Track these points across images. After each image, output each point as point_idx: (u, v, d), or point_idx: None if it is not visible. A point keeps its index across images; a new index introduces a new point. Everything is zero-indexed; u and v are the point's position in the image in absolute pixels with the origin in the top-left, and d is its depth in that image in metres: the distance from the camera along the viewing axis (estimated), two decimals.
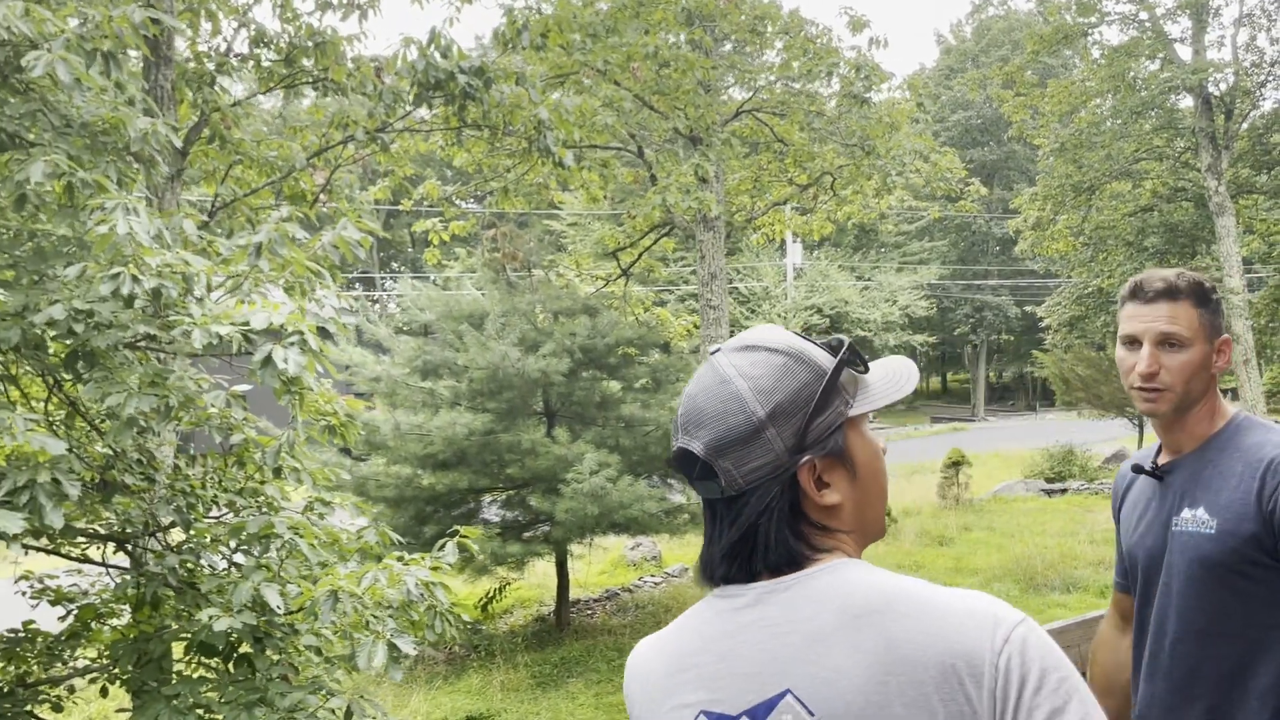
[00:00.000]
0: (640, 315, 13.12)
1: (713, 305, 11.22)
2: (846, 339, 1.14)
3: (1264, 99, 22.87)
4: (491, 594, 10.33)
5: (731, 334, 28.20)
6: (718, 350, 1.14)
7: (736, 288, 37.69)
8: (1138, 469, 1.96)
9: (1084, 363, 25.09)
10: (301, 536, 3.96)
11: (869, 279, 43.30)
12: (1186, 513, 1.84)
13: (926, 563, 13.24)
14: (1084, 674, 1.89)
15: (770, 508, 1.07)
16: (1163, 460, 1.90)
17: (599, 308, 10.24)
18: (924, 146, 13.09)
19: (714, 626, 1.10)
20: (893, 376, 1.17)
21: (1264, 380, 21.87)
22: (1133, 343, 1.83)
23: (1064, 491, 20.27)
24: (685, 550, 14.64)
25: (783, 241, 39.90)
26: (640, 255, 13.07)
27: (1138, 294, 1.84)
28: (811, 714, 1.01)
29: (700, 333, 11.87)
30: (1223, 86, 22.26)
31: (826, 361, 1.11)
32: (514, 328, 9.26)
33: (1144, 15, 22.84)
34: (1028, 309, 45.96)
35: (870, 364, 1.18)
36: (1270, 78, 22.52)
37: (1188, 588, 1.85)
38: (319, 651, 4.13)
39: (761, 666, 1.04)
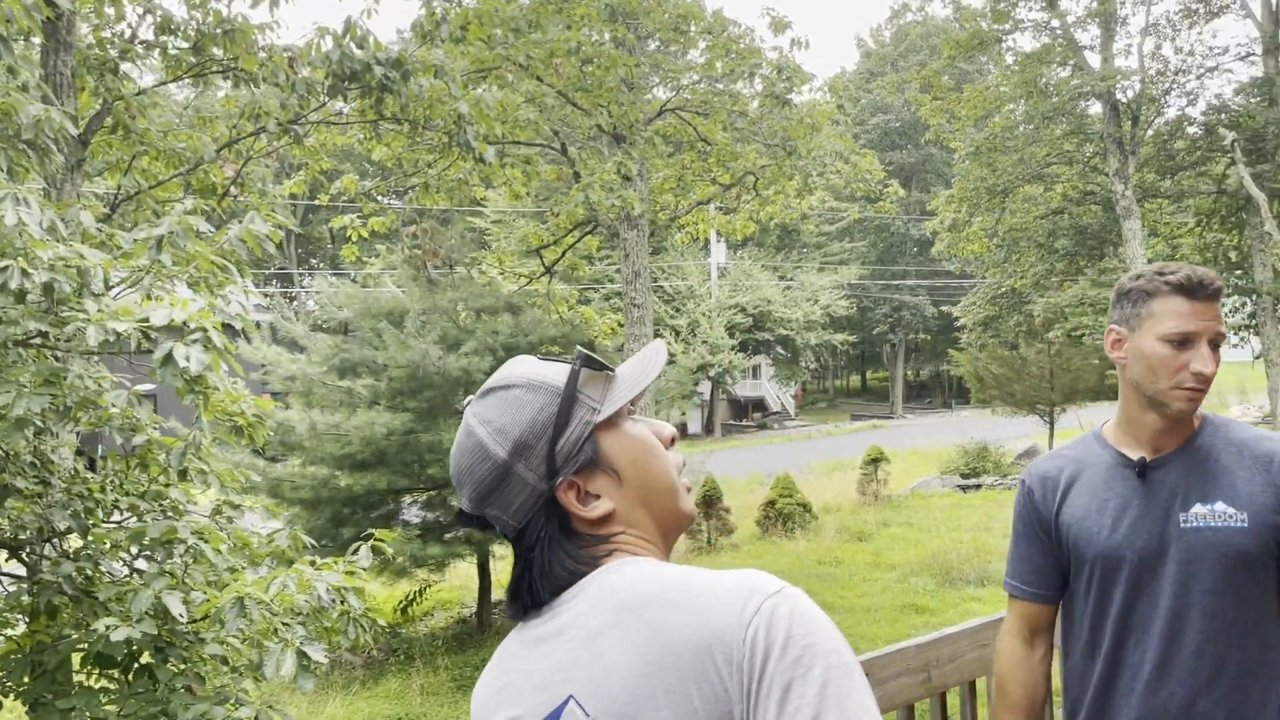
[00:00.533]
0: (564, 314, 13.06)
1: (636, 304, 11.20)
2: (582, 349, 1.14)
3: (1168, 106, 23.75)
4: (411, 597, 10.16)
5: (656, 333, 28.18)
6: (469, 402, 1.16)
7: (661, 286, 37.81)
8: (1131, 465, 1.85)
9: (997, 361, 25.71)
10: (207, 541, 3.82)
11: (791, 279, 43.84)
12: (1200, 508, 1.80)
13: (846, 558, 13.42)
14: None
15: (541, 537, 1.10)
16: (1138, 457, 1.85)
17: (522, 306, 10.14)
18: (844, 148, 13.27)
19: (518, 647, 1.12)
20: (641, 364, 1.16)
21: None
22: (1185, 342, 1.75)
23: (978, 487, 20.76)
24: None
25: (706, 241, 40.15)
26: (564, 253, 13.01)
27: (1193, 291, 1.75)
28: (589, 716, 1.00)
29: (624, 331, 11.86)
30: (1130, 93, 23.05)
31: (561, 379, 1.12)
32: (435, 326, 9.11)
33: (1055, 23, 23.50)
34: (944, 309, 47.03)
35: (628, 360, 1.20)
36: (1174, 86, 23.37)
37: (1218, 583, 1.79)
38: (226, 661, 3.99)
39: (551, 675, 1.05)
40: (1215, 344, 1.74)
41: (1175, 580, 1.78)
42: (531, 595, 1.11)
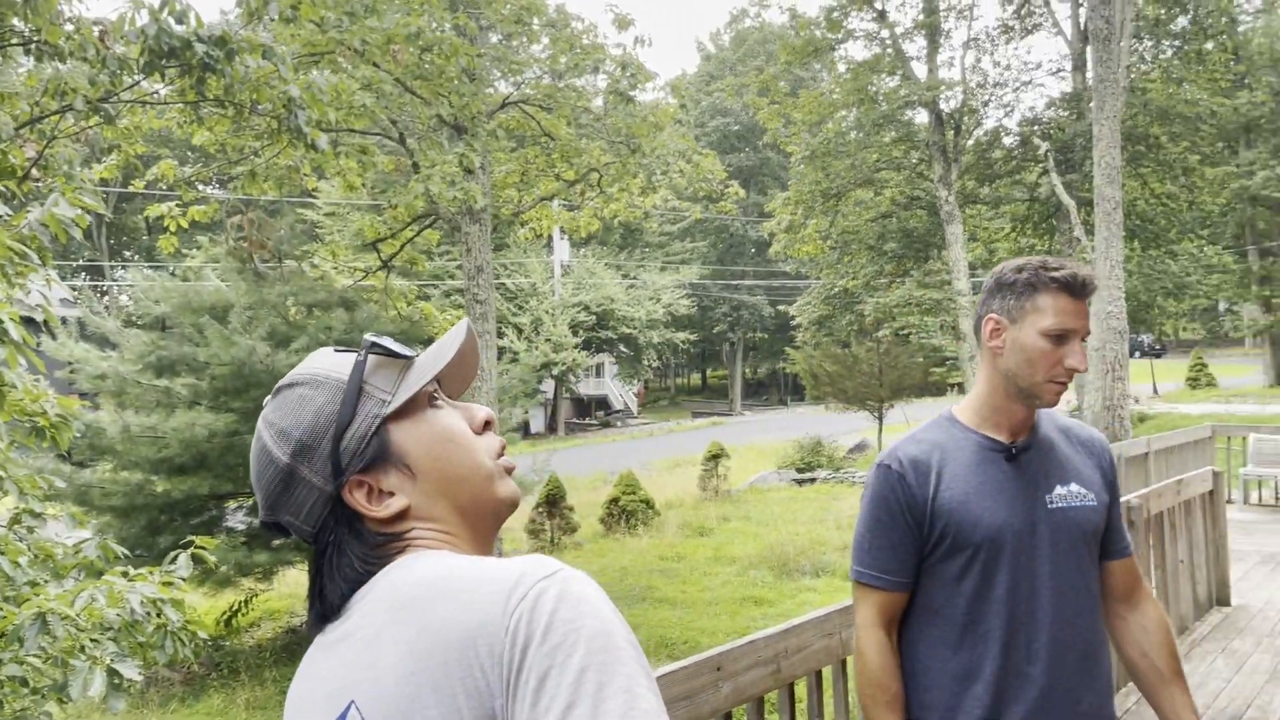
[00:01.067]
0: (403, 309, 12.67)
1: (479, 300, 10.98)
2: (371, 337, 1.07)
3: (987, 117, 25.21)
4: (236, 607, 9.64)
5: (499, 330, 27.75)
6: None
7: (504, 283, 37.40)
8: (1000, 449, 1.87)
9: (831, 359, 26.66)
10: (4, 553, 3.49)
11: (634, 277, 44.18)
12: (1061, 489, 1.86)
13: (688, 553, 13.59)
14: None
15: (331, 541, 1.03)
16: (1007, 440, 1.88)
17: (358, 301, 9.76)
18: (687, 148, 13.41)
19: (316, 651, 1.03)
20: (438, 347, 1.09)
21: None
22: (1062, 338, 1.78)
23: (813, 481, 21.44)
24: None
25: (550, 238, 39.98)
26: (402, 247, 12.62)
27: (1076, 289, 1.79)
28: None
29: None
30: (953, 104, 24.30)
31: (344, 370, 1.05)
32: (263, 321, 8.66)
33: (885, 33, 24.51)
34: (781, 308, 48.45)
35: (430, 347, 1.11)
36: (992, 98, 24.78)
37: (1082, 559, 1.87)
38: (25, 682, 3.65)
39: (338, 681, 0.97)
40: (1084, 340, 1.79)
41: (1049, 560, 1.83)
42: (323, 601, 1.03)
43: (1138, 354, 46.12)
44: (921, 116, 25.46)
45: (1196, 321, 44.44)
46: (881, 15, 24.29)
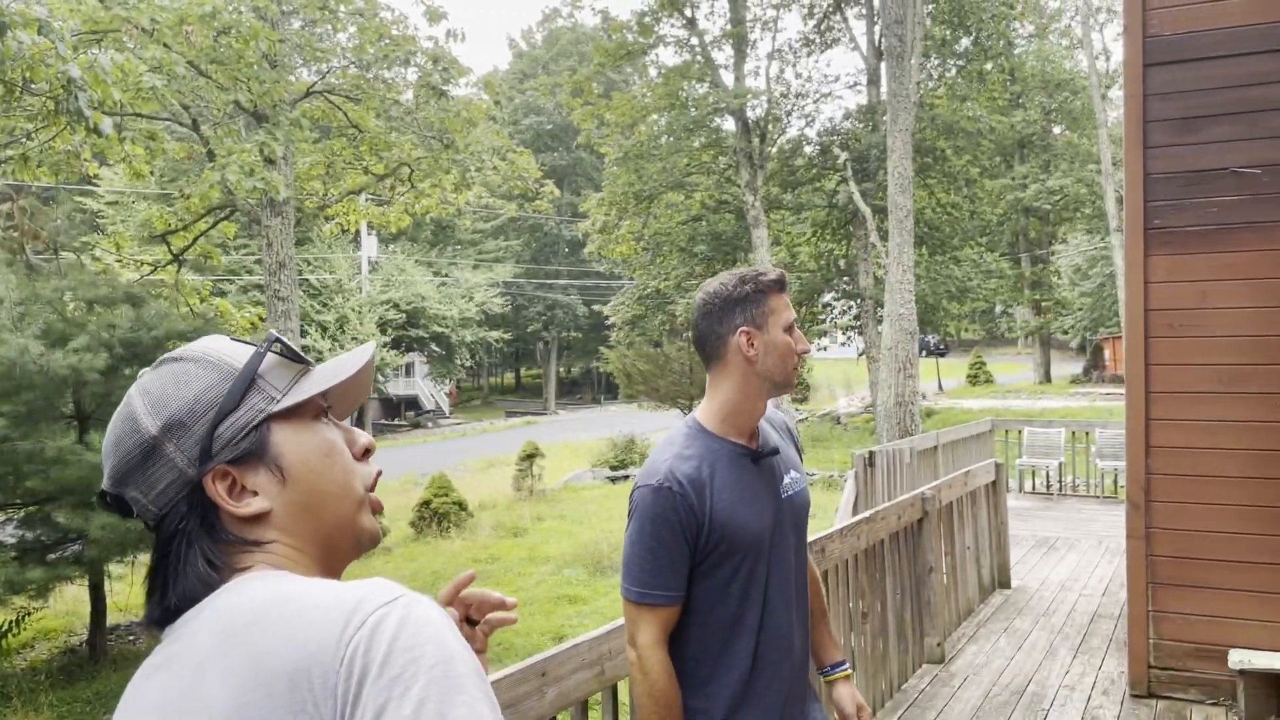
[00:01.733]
0: (196, 306, 11.93)
1: (280, 296, 10.48)
2: (276, 334, 1.03)
3: (790, 126, 26.26)
4: (6, 627, 8.81)
5: (301, 328, 26.66)
6: (143, 373, 1.03)
7: (307, 280, 35.92)
8: (748, 453, 1.99)
9: (644, 358, 27.07)
10: None
11: (446, 275, 43.40)
12: (787, 478, 2.05)
13: (502, 554, 13.45)
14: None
15: (179, 529, 0.95)
16: (750, 444, 2.01)
17: (145, 297, 9.11)
18: (502, 145, 13.27)
19: (139, 678, 0.94)
20: (337, 363, 1.06)
21: None
22: (790, 329, 1.98)
23: (626, 478, 21.69)
24: None
25: (357, 233, 38.69)
26: (195, 240, 11.89)
27: (785, 286, 2.01)
28: None
29: (266, 325, 11.05)
30: (758, 111, 25.16)
31: (243, 359, 1.00)
32: (36, 318, 7.95)
33: (695, 41, 25.09)
34: (595, 307, 48.80)
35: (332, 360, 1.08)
36: (794, 108, 25.80)
37: (803, 534, 2.07)
38: None
39: (160, 711, 0.88)
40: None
41: (791, 543, 2.02)
42: (162, 596, 0.95)
43: (924, 353, 49.17)
44: (729, 123, 26.23)
45: (976, 323, 47.87)
46: (691, 22, 24.85)
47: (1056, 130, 37.50)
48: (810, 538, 4.12)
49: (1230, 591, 4.84)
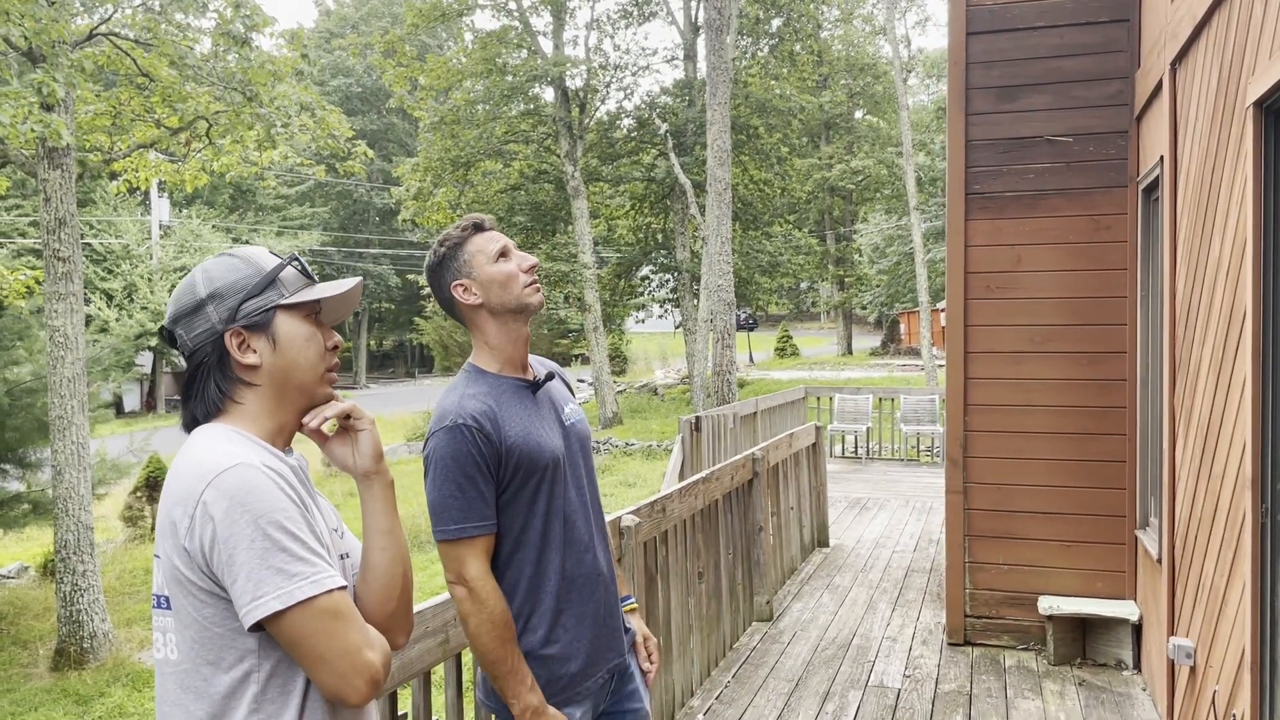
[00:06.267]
0: None
1: (61, 256, 9.51)
2: (295, 255, 1.52)
3: (608, 98, 26.14)
4: None
5: (85, 298, 24.48)
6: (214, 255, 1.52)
7: (90, 244, 33.14)
8: (527, 385, 2.13)
9: (461, 329, 26.51)
10: None
11: (247, 242, 41.06)
12: (567, 409, 2.20)
13: None
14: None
15: (205, 363, 1.45)
16: (525, 376, 2.14)
17: None
18: (311, 101, 12.53)
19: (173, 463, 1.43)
20: (335, 283, 1.53)
21: (608, 344, 25.05)
22: (504, 254, 2.08)
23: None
24: (26, 547, 12.43)
25: (146, 194, 36.00)
26: None
27: (481, 228, 2.12)
28: (158, 556, 1.36)
29: (45, 289, 10.02)
30: (578, 82, 24.92)
31: (271, 264, 1.49)
32: None
33: (513, 5, 24.57)
34: (410, 277, 47.42)
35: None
36: (613, 80, 25.72)
37: (590, 458, 2.24)
38: None
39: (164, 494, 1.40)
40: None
41: (581, 465, 2.17)
42: (188, 405, 1.47)
43: (735, 327, 50.55)
44: (548, 93, 25.90)
45: (784, 298, 49.61)
46: None
47: (859, 114, 39.16)
48: (651, 498, 4.05)
49: (1040, 541, 5.12)
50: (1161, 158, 4.07)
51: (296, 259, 1.51)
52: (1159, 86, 4.21)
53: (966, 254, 5.18)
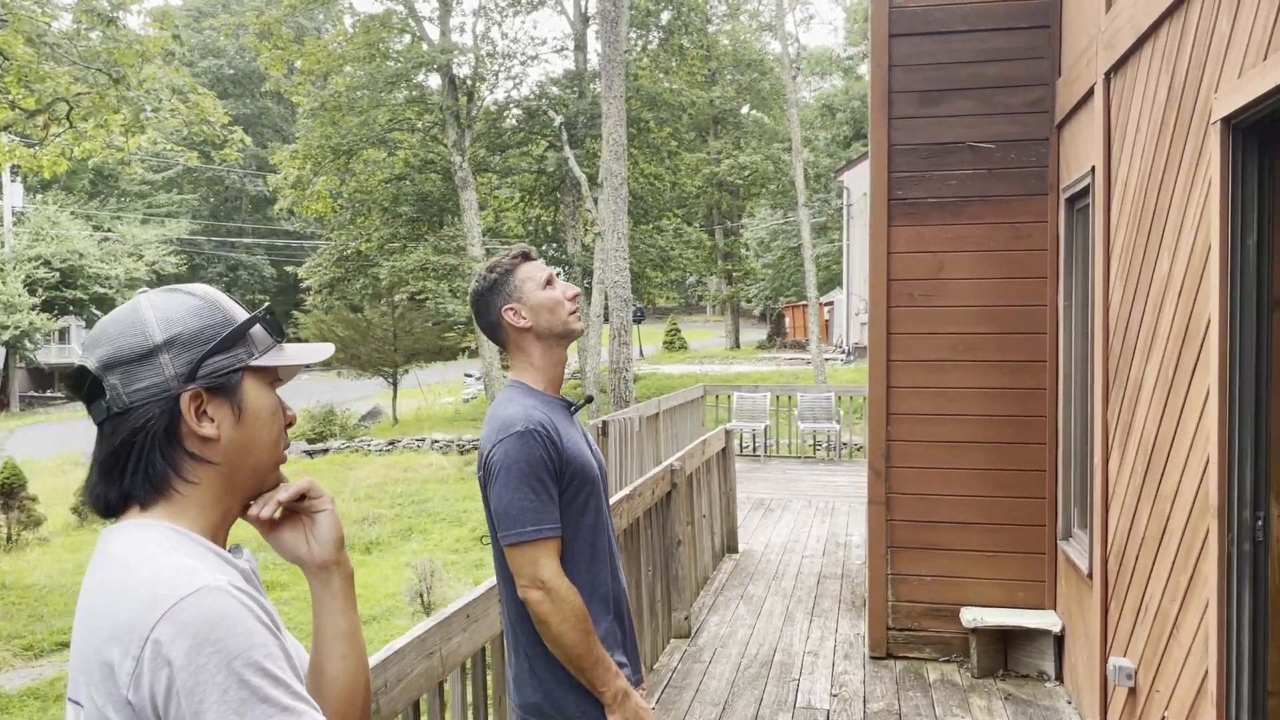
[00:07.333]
0: None
1: None
2: (269, 308, 1.24)
3: (497, 87, 25.65)
4: None
5: None
6: (143, 291, 1.22)
7: None
8: (568, 406, 2.20)
9: (343, 323, 25.58)
10: None
11: (109, 230, 38.84)
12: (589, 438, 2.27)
13: None
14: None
15: (148, 427, 1.12)
16: (565, 400, 2.20)
17: None
18: (184, 84, 11.77)
19: (90, 568, 1.12)
20: (308, 348, 1.27)
21: None
22: (550, 282, 2.18)
23: (326, 451, 20.47)
24: None
25: None
26: None
27: (529, 257, 2.23)
28: (79, 704, 1.04)
29: None
30: (465, 70, 24.30)
31: (240, 315, 1.20)
32: None
33: None
34: (288, 269, 45.72)
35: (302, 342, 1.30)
36: (502, 69, 25.20)
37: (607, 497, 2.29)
38: None
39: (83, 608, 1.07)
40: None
41: (604, 494, 2.23)
42: (115, 483, 1.12)
43: (632, 322, 50.53)
44: (435, 81, 25.22)
45: (673, 291, 49.84)
46: None
47: (746, 110, 39.51)
48: None
49: (962, 552, 5.07)
50: (1093, 168, 4.03)
51: (270, 312, 1.24)
52: (1088, 95, 4.16)
53: (889, 261, 5.09)
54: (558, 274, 2.30)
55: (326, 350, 1.28)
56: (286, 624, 1.20)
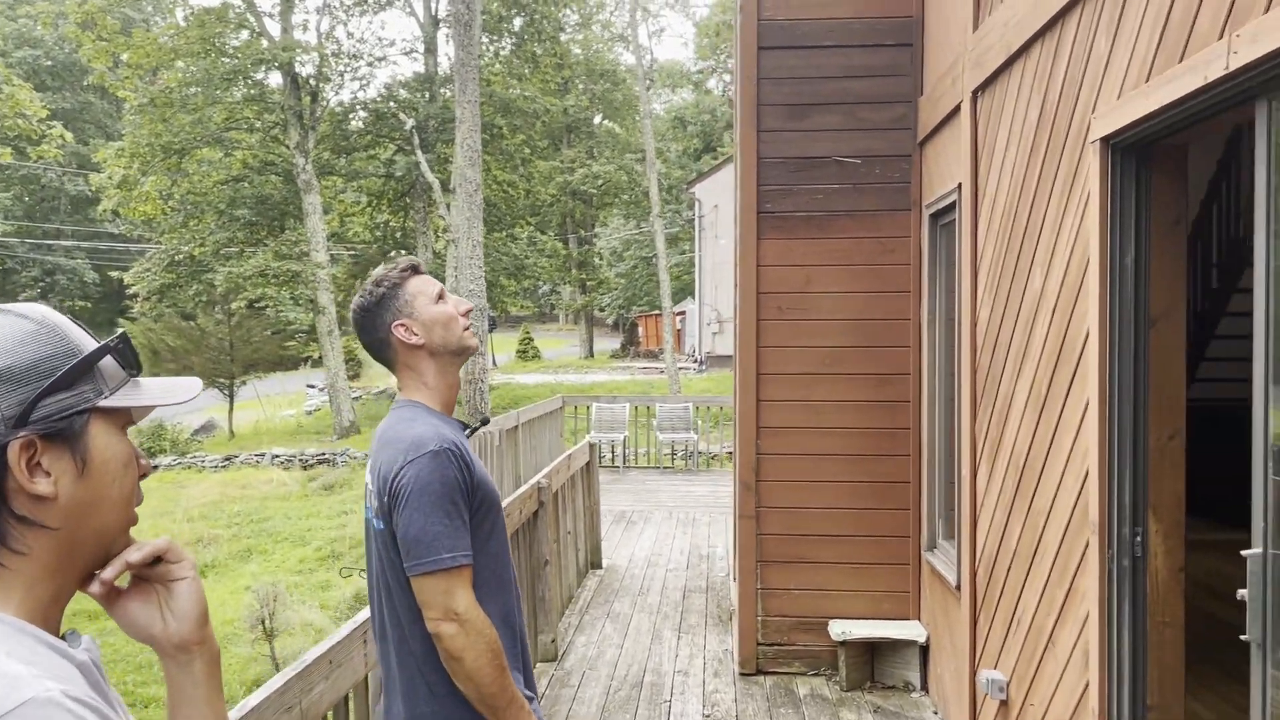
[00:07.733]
0: None
1: None
2: (124, 334, 1.02)
3: (343, 88, 24.72)
4: None
5: None
6: None
7: None
8: (464, 428, 2.10)
9: (174, 332, 24.16)
10: None
11: None
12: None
13: None
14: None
15: None
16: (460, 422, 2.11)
17: None
18: None
19: None
20: (171, 384, 1.06)
21: (343, 347, 23.66)
22: (442, 297, 2.09)
23: (155, 469, 19.25)
24: None
25: None
26: None
27: (419, 270, 2.13)
28: None
29: None
30: (309, 69, 23.36)
31: (86, 344, 0.97)
32: None
33: None
34: (112, 274, 42.90)
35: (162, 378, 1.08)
36: (348, 69, 24.36)
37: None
38: None
39: None
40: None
41: (501, 521, 2.11)
42: None
43: (488, 332, 49.73)
44: (276, 79, 24.15)
45: (527, 299, 49.45)
46: None
47: (598, 120, 39.60)
48: None
49: (830, 564, 5.07)
50: (960, 185, 4.08)
51: (125, 340, 1.01)
52: (954, 112, 4.22)
53: (759, 273, 5.05)
54: None
55: (193, 387, 1.06)
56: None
